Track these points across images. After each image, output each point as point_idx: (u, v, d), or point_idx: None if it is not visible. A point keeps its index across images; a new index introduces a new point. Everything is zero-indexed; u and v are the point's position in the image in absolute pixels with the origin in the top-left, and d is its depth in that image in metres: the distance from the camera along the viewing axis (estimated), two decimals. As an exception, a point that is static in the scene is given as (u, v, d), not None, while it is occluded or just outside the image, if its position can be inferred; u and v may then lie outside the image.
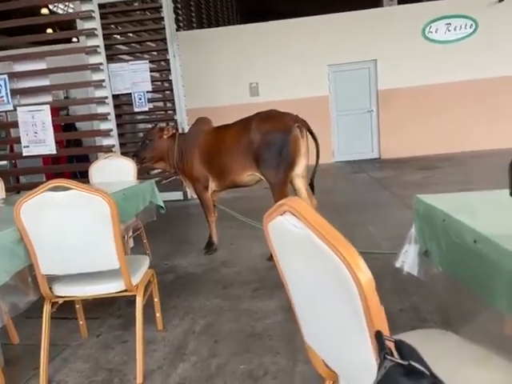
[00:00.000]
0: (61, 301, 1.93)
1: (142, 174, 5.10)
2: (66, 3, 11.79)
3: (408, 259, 1.56)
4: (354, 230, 3.97)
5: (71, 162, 6.23)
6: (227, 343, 2.12)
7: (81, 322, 2.29)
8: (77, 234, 1.73)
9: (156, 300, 2.26)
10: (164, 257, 3.67)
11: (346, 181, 6.98)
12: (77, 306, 2.23)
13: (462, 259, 1.20)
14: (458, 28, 8.50)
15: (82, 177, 6.47)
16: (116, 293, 1.89)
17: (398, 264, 1.59)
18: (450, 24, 8.49)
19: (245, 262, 3.33)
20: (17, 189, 4.72)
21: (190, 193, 5.97)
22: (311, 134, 3.25)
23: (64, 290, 1.87)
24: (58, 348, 2.20)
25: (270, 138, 3.15)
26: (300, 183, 3.31)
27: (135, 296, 1.90)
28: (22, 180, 5.55)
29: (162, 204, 3.11)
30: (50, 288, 1.86)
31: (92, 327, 2.40)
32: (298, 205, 0.82)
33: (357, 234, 3.84)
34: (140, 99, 6.03)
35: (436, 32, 8.56)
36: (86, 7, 3.57)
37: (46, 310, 1.89)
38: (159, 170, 7.21)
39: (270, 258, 3.29)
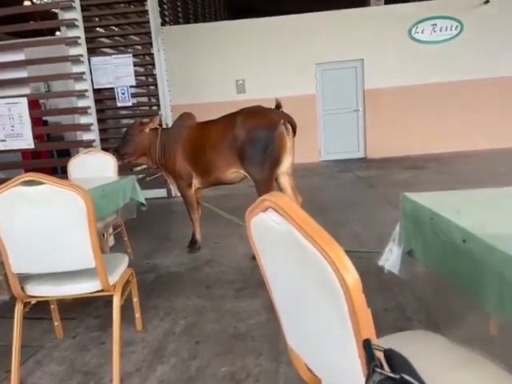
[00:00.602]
0: (34, 301, 1.84)
1: (125, 171, 5.00)
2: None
3: (391, 258, 1.52)
4: (340, 228, 3.95)
5: (52, 156, 6.07)
6: (209, 344, 2.06)
7: (56, 323, 2.20)
8: (50, 231, 1.65)
9: (135, 300, 2.18)
10: (145, 255, 3.58)
11: (333, 179, 6.96)
12: (52, 307, 2.14)
13: (450, 258, 1.16)
14: (443, 29, 8.57)
15: (63, 172, 6.33)
16: (92, 293, 1.81)
17: (380, 262, 1.55)
18: (435, 25, 8.56)
19: (229, 261, 3.26)
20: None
21: (174, 190, 5.87)
22: (294, 130, 3.18)
23: (37, 290, 1.78)
24: (32, 349, 2.11)
25: (255, 134, 3.09)
26: (285, 181, 3.27)
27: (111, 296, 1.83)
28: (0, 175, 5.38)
29: (144, 201, 3.03)
30: (22, 287, 1.77)
31: (68, 328, 2.31)
32: (280, 200, 0.76)
33: (342, 232, 3.82)
34: (123, 94, 5.90)
35: (422, 32, 8.61)
36: (66, -4, 3.45)
37: (18, 310, 1.80)
38: (143, 167, 7.14)
39: (255, 256, 3.24)
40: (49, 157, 5.80)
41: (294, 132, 3.19)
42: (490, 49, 8.58)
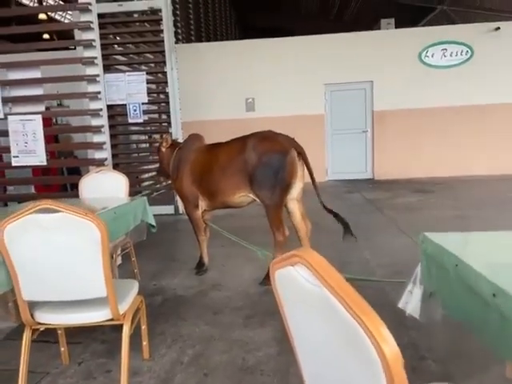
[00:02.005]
0: (42, 328, 1.82)
1: (133, 187, 5.00)
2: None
3: (412, 301, 1.48)
4: (348, 253, 3.90)
5: (62, 173, 6.09)
6: (217, 377, 2.01)
7: (62, 349, 2.16)
8: (63, 259, 1.63)
9: (143, 327, 2.15)
10: (152, 276, 3.55)
11: (340, 200, 6.92)
12: (59, 332, 2.11)
13: (477, 310, 1.12)
14: (454, 54, 8.62)
15: (73, 189, 6.36)
16: (102, 322, 1.78)
17: (400, 305, 1.51)
18: (446, 50, 8.61)
19: (236, 286, 3.22)
20: (3, 200, 4.57)
21: (182, 207, 5.87)
22: (304, 159, 3.15)
23: (46, 318, 1.76)
24: (37, 376, 2.07)
25: (267, 158, 3.07)
26: (295, 206, 3.24)
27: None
28: (11, 190, 5.39)
29: (154, 223, 3.01)
30: (32, 314, 1.75)
31: (74, 353, 2.27)
32: (312, 258, 0.74)
33: (350, 258, 3.78)
34: (135, 110, 5.95)
35: (432, 57, 8.66)
36: (85, 18, 3.50)
37: (26, 337, 1.78)
38: (150, 182, 7.17)
39: (263, 282, 3.20)
40: (59, 173, 5.82)
41: (305, 160, 3.16)
42: (500, 75, 8.61)
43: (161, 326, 2.58)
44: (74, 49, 5.15)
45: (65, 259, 1.63)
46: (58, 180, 5.50)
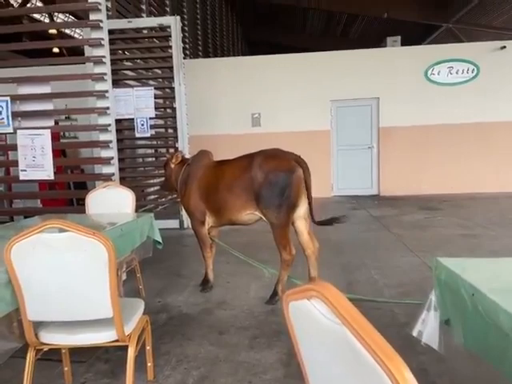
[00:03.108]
0: (46, 348, 1.79)
1: (139, 201, 5.00)
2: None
3: (426, 329, 1.44)
4: (355, 272, 3.86)
5: (69, 187, 6.11)
6: (222, 401, 1.96)
7: (66, 368, 2.12)
8: (70, 279, 1.61)
9: (148, 348, 2.11)
10: (157, 292, 3.51)
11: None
12: (63, 351, 2.07)
13: (496, 341, 1.09)
14: (460, 72, 8.66)
15: (78, 204, 6.37)
16: (107, 343, 1.75)
17: (414, 333, 1.46)
18: (452, 67, 8.65)
19: (242, 304, 3.18)
20: (10, 213, 4.58)
21: (187, 222, 5.86)
22: (306, 178, 3.11)
23: (51, 338, 1.73)
24: (39, 397, 2.03)
25: (273, 176, 3.05)
26: (302, 225, 3.21)
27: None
28: (17, 203, 5.41)
29: (160, 239, 2.99)
30: (36, 334, 1.72)
31: (77, 372, 2.23)
32: (330, 294, 0.72)
33: (358, 277, 3.73)
34: (142, 125, 5.99)
35: (438, 74, 8.70)
36: (96, 34, 3.55)
37: (30, 357, 1.75)
38: (155, 196, 7.17)
39: (269, 301, 3.16)
40: (65, 187, 5.84)
41: (306, 178, 3.12)
42: (505, 92, 8.62)
43: (166, 345, 2.54)
44: (83, 63, 5.21)
45: (72, 279, 1.61)
46: (65, 194, 5.51)
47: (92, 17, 3.53)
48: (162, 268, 4.22)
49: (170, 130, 6.83)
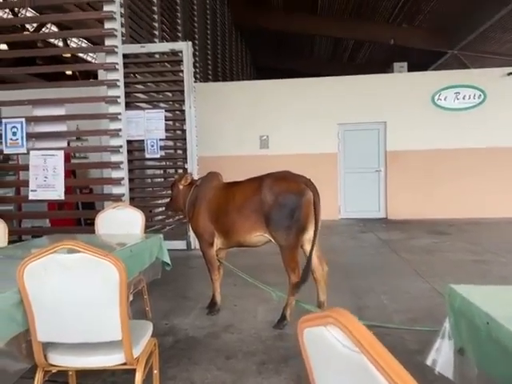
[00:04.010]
0: (55, 370, 1.77)
1: (146, 221, 5.01)
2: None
3: (441, 357, 1.42)
4: (364, 297, 3.81)
5: (77, 207, 6.17)
6: (230, 428, 1.92)
7: (72, 391, 2.10)
8: (80, 300, 1.61)
9: (155, 372, 2.08)
10: (164, 314, 3.49)
11: (354, 240, 6.85)
12: (69, 373, 2.05)
13: (511, 371, 1.07)
14: (466, 97, 8.73)
15: (86, 224, 6.41)
16: (115, 366, 1.74)
17: (428, 362, 1.44)
18: (458, 93, 8.73)
19: (249, 328, 3.14)
20: (19, 233, 4.62)
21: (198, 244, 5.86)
22: (315, 201, 3.10)
23: (59, 359, 1.72)
24: (44, 420, 2.00)
25: (283, 199, 3.06)
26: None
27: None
28: (26, 222, 5.47)
29: (169, 261, 2.99)
30: (45, 355, 1.71)
31: (83, 396, 2.20)
32: (347, 320, 0.72)
33: (367, 302, 3.68)
34: (152, 146, 6.07)
35: (445, 100, 8.77)
36: (111, 59, 3.66)
37: (38, 379, 1.73)
38: (163, 216, 7.19)
39: (277, 325, 3.11)
40: (74, 208, 5.90)
41: (315, 202, 3.12)
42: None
43: (172, 369, 2.50)
44: (96, 86, 5.34)
45: (82, 300, 1.61)
46: (74, 214, 5.55)
47: (108, 42, 3.64)
48: (168, 290, 4.19)
49: (179, 151, 6.92)
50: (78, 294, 1.61)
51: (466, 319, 1.32)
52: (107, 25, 3.63)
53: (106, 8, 3.59)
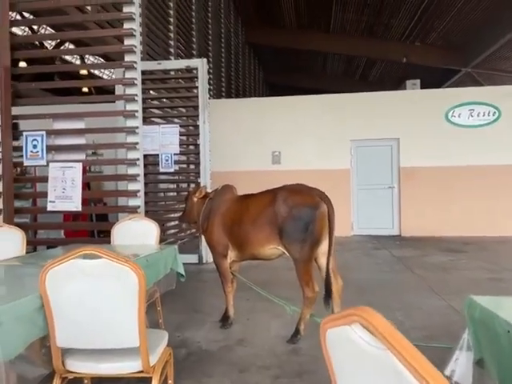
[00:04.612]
0: (71, 376, 1.78)
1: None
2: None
3: (459, 368, 1.39)
4: (380, 314, 3.74)
5: (91, 219, 6.26)
6: None
7: (86, 400, 2.10)
8: (100, 306, 1.63)
9: (170, 382, 2.07)
10: (176, 327, 3.48)
11: (368, 257, 6.78)
12: (85, 382, 2.06)
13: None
14: (481, 114, 8.70)
15: (99, 236, 6.49)
16: (131, 373, 1.74)
17: (446, 372, 1.42)
18: (473, 110, 8.71)
19: (263, 343, 3.11)
20: (34, 244, 4.69)
21: (211, 257, 5.87)
22: (329, 215, 3.08)
23: (77, 366, 1.73)
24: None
25: (297, 212, 3.06)
26: (325, 262, 3.18)
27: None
28: (40, 234, 5.55)
29: (183, 272, 3.00)
30: (63, 362, 1.72)
31: (97, 405, 2.20)
32: (373, 318, 0.73)
33: (382, 318, 3.61)
34: (167, 160, 6.16)
35: (459, 117, 8.75)
36: (129, 74, 3.76)
37: (55, 385, 1.74)
38: (175, 230, 7.23)
39: (291, 339, 3.08)
40: (87, 219, 5.99)
41: (330, 215, 3.12)
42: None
43: (185, 381, 2.49)
44: (114, 102, 5.48)
45: (102, 306, 1.63)
46: (89, 226, 5.63)
47: (127, 58, 3.75)
48: (180, 303, 4.19)
49: (192, 166, 7.00)
50: (97, 300, 1.63)
51: (486, 329, 1.31)
52: (127, 41, 3.74)
53: (127, 25, 3.71)
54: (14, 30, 3.75)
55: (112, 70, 14.50)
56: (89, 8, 4.99)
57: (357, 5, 12.69)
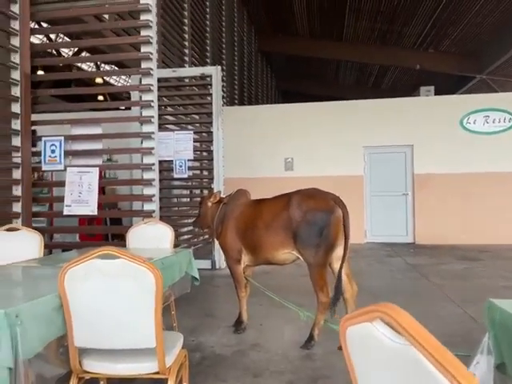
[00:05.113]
0: (88, 376, 1.80)
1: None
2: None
3: (479, 372, 1.37)
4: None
5: (105, 223, 6.34)
6: None
7: (102, 401, 2.11)
8: (118, 306, 1.65)
9: (185, 384, 2.08)
10: (190, 331, 3.48)
11: (381, 264, 6.71)
12: (101, 383, 2.07)
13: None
14: (496, 121, 8.59)
15: (113, 239, 6.56)
16: (147, 374, 1.75)
17: (467, 376, 1.39)
18: (488, 116, 8.61)
19: (276, 348, 3.09)
20: (50, 247, 4.76)
21: (225, 261, 5.88)
22: (344, 220, 3.06)
23: (94, 366, 1.74)
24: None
25: (311, 216, 3.05)
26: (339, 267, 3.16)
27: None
28: (56, 237, 5.64)
29: (197, 276, 3.01)
30: (80, 362, 1.74)
31: (112, 407, 2.21)
32: (397, 314, 0.72)
33: (397, 326, 3.56)
34: (181, 166, 6.21)
35: (474, 123, 8.66)
36: (146, 81, 3.82)
37: (72, 385, 1.76)
38: (189, 236, 7.26)
39: (304, 345, 3.06)
40: (102, 223, 6.06)
41: (345, 220, 3.10)
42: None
43: (199, 385, 2.49)
44: (128, 108, 5.56)
45: (120, 306, 1.65)
46: (104, 230, 5.69)
47: (143, 65, 3.81)
48: (194, 308, 4.20)
49: (205, 172, 7.04)
50: (114, 300, 1.64)
51: (507, 332, 1.28)
52: (143, 49, 3.81)
53: (143, 33, 3.78)
54: (31, 38, 3.86)
55: (125, 78, 14.77)
56: (106, 16, 5.11)
57: (370, 13, 12.69)
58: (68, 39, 10.31)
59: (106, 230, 5.86)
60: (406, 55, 14.08)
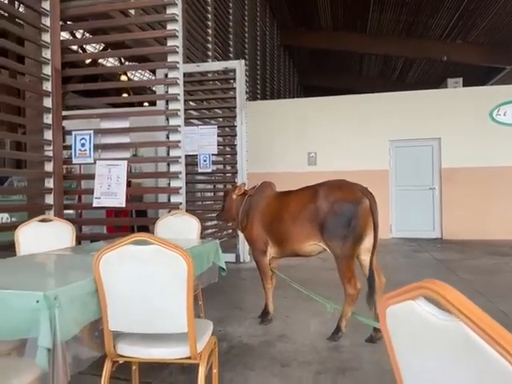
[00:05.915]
0: (122, 360, 1.84)
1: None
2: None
3: None
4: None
5: (131, 215, 6.47)
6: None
7: (134, 386, 2.16)
8: (151, 291, 1.68)
9: (215, 371, 2.10)
10: (217, 321, 3.49)
11: (408, 259, 6.60)
12: (133, 368, 2.12)
13: None
14: (528, 112, 8.30)
15: (139, 230, 6.67)
16: (179, 359, 1.78)
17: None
18: (519, 108, 8.33)
19: (303, 339, 3.09)
20: (79, 238, 4.89)
21: (251, 253, 5.91)
22: (373, 211, 3.03)
23: (127, 350, 1.78)
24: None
25: (339, 207, 3.03)
26: (368, 258, 3.12)
27: (191, 364, 1.77)
28: (85, 229, 5.79)
29: (224, 266, 3.04)
30: (114, 346, 1.78)
31: (143, 392, 2.25)
32: (444, 289, 0.71)
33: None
34: (205, 161, 6.26)
35: (505, 115, 8.38)
36: (172, 74, 3.86)
37: (107, 369, 1.80)
38: (213, 230, 7.32)
39: (332, 337, 3.04)
40: (128, 215, 6.18)
41: (373, 211, 3.06)
42: None
43: (228, 373, 2.51)
44: (154, 104, 5.61)
45: (153, 291, 1.67)
46: (131, 222, 5.80)
47: (170, 59, 3.85)
48: (220, 299, 4.24)
49: (229, 167, 7.07)
50: (148, 285, 1.67)
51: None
52: (170, 42, 3.85)
53: (170, 27, 3.81)
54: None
55: (145, 74, 14.96)
56: (132, 12, 5.18)
57: (395, 5, 12.44)
58: (91, 36, 10.52)
59: (132, 221, 5.97)
60: (433, 46, 13.74)
